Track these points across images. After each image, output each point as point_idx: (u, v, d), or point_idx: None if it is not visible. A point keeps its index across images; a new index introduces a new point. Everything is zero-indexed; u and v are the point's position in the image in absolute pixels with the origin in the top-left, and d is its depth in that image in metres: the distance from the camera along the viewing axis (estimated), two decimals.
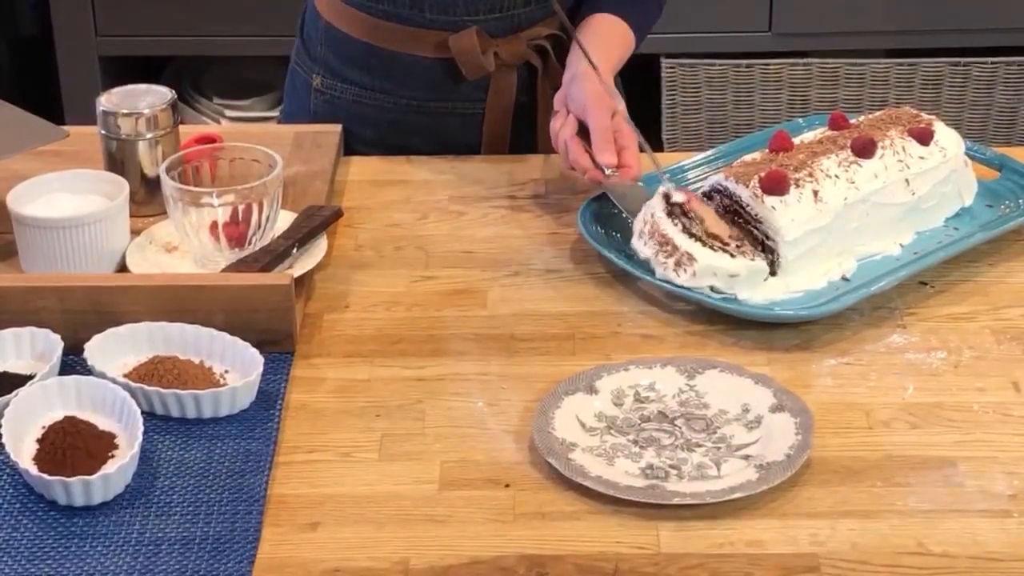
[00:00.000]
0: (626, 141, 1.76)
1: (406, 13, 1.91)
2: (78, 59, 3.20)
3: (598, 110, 1.76)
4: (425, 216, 1.83)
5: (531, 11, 1.92)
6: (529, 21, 1.93)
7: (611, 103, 1.78)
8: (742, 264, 1.61)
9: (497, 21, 1.91)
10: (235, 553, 1.31)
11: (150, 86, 1.81)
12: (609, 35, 1.90)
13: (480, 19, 1.90)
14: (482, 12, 1.90)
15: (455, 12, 1.90)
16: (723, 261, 1.61)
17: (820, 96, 3.19)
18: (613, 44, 1.89)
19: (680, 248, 1.61)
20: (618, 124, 1.77)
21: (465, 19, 1.90)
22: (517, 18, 1.92)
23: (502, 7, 1.91)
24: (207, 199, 1.63)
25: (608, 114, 1.77)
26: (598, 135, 1.75)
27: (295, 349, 1.57)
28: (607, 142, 1.74)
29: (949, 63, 3.17)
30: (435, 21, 1.91)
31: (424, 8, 1.90)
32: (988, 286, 1.68)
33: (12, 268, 1.68)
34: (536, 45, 1.94)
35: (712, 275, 1.60)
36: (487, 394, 1.51)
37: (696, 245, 1.61)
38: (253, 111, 3.32)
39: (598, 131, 1.75)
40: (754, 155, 1.73)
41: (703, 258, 1.60)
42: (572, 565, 1.29)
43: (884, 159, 1.71)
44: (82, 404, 1.45)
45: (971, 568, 1.29)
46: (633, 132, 1.77)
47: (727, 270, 1.60)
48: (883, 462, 1.41)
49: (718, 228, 1.65)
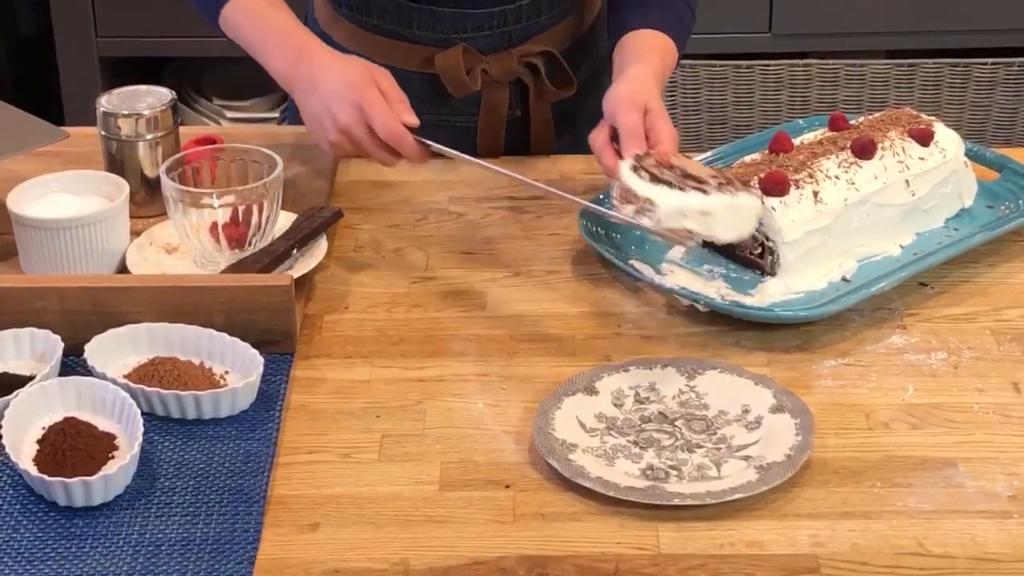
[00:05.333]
0: (661, 138, 1.64)
1: (394, 28, 1.90)
2: (78, 59, 3.20)
3: (626, 110, 1.66)
4: (425, 217, 1.83)
5: (522, 27, 1.90)
6: (520, 38, 1.91)
7: (642, 101, 1.67)
8: (716, 200, 1.50)
9: (487, 38, 1.90)
10: (235, 554, 1.31)
11: (150, 87, 1.81)
12: (647, 47, 1.79)
13: (469, 36, 1.89)
14: (470, 29, 1.89)
15: (443, 29, 1.88)
16: (690, 199, 1.50)
17: (820, 97, 3.19)
18: (652, 53, 1.78)
19: (640, 196, 1.50)
20: (651, 122, 1.66)
21: (453, 36, 1.88)
22: (508, 35, 1.91)
23: (492, 24, 1.89)
24: (207, 200, 1.64)
25: (637, 112, 1.66)
26: (624, 133, 1.64)
27: (295, 350, 1.57)
28: (634, 138, 1.63)
29: (949, 64, 3.16)
30: (423, 37, 1.89)
31: (412, 24, 1.89)
32: (988, 287, 1.68)
33: (12, 268, 1.68)
34: (527, 62, 1.91)
35: (681, 216, 1.49)
36: (487, 395, 1.51)
37: (660, 189, 1.50)
38: (253, 112, 3.32)
39: (624, 129, 1.64)
40: (754, 156, 1.74)
41: (664, 201, 1.49)
42: (572, 566, 1.29)
43: (884, 160, 1.71)
44: (82, 405, 1.45)
45: (971, 568, 1.29)
46: (671, 130, 1.65)
47: (696, 207, 1.50)
48: (883, 463, 1.41)
49: (699, 171, 1.54)
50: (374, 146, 1.68)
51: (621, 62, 1.77)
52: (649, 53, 1.77)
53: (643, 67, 1.73)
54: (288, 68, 1.74)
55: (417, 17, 1.88)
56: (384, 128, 1.67)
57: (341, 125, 1.68)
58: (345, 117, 1.67)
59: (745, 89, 3.19)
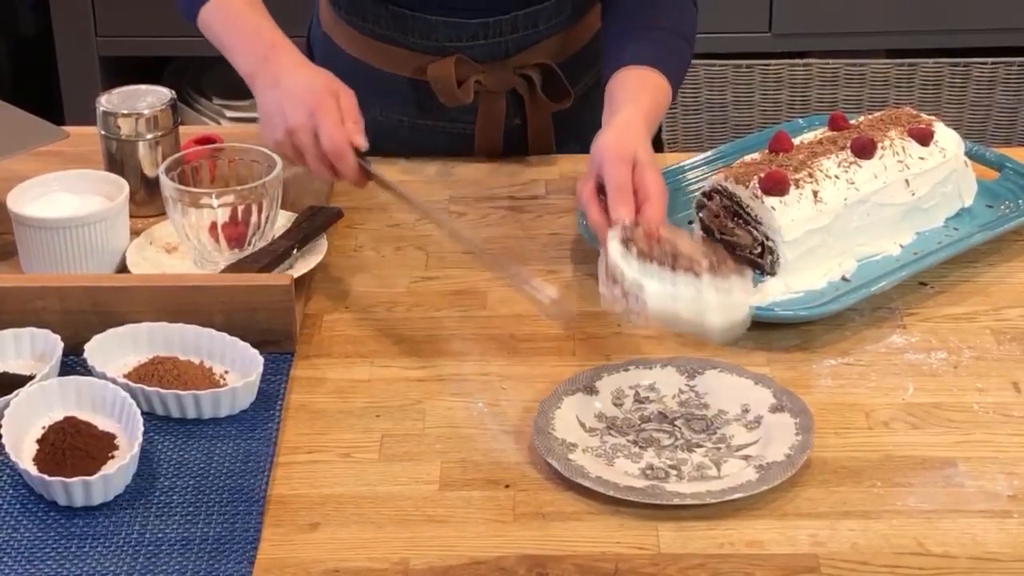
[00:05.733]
0: (648, 192, 1.54)
1: (389, 34, 1.89)
2: (78, 59, 3.20)
3: (614, 163, 1.56)
4: (425, 216, 1.82)
5: (519, 38, 1.89)
6: (516, 48, 1.90)
7: (630, 152, 1.57)
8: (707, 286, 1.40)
9: (482, 47, 1.89)
10: (235, 553, 1.31)
11: (150, 87, 1.81)
12: (639, 87, 1.71)
13: (464, 45, 1.88)
14: (465, 38, 1.88)
15: (437, 37, 1.88)
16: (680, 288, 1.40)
17: (820, 96, 3.19)
18: (645, 94, 1.70)
19: (628, 278, 1.40)
20: (639, 175, 1.56)
21: (447, 44, 1.87)
22: (504, 45, 1.89)
23: (487, 34, 1.88)
24: (206, 200, 1.63)
25: (625, 165, 1.56)
26: (611, 188, 1.54)
27: (295, 349, 1.57)
28: (621, 194, 1.53)
29: (949, 63, 3.17)
30: (418, 45, 1.89)
31: (407, 31, 1.88)
32: (988, 286, 1.68)
33: (12, 268, 1.68)
34: (523, 74, 1.90)
35: (672, 301, 1.40)
36: (487, 394, 1.51)
37: (649, 272, 1.40)
38: (253, 112, 3.29)
39: (612, 185, 1.54)
40: (754, 155, 1.73)
41: (654, 287, 1.39)
42: (572, 565, 1.29)
43: (884, 159, 1.71)
44: (82, 404, 1.45)
45: (971, 568, 1.29)
46: (659, 183, 1.56)
47: (687, 295, 1.40)
48: (883, 462, 1.41)
49: (689, 249, 1.44)
50: (315, 157, 1.63)
51: (612, 103, 1.69)
52: (641, 94, 1.69)
53: (633, 110, 1.65)
54: (255, 63, 1.72)
55: (411, 25, 1.88)
56: (329, 141, 1.61)
57: (290, 126, 1.63)
58: (295, 119, 1.63)
59: (745, 89, 3.19)
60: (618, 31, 1.80)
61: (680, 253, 1.41)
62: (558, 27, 1.91)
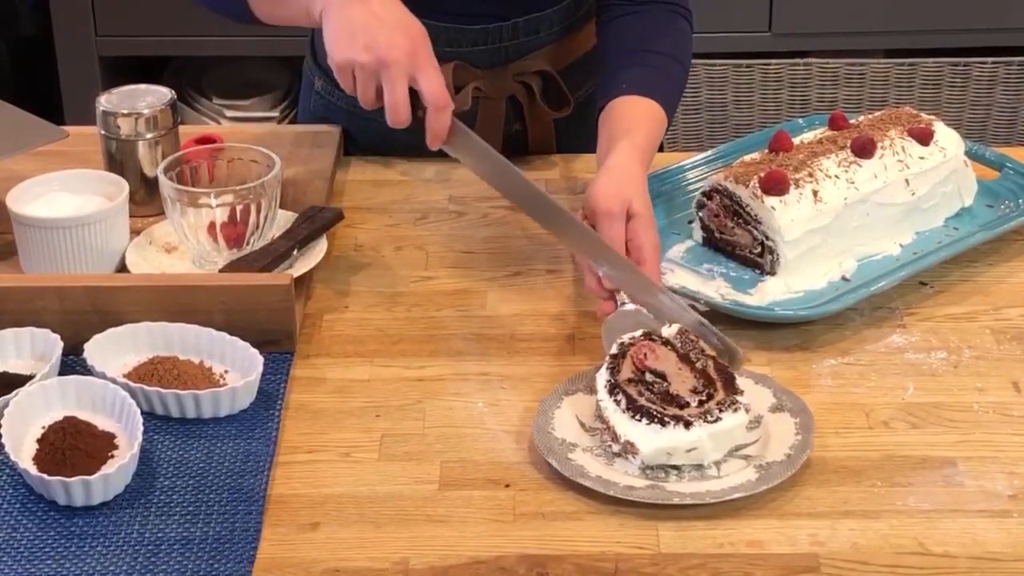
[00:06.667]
0: (643, 255, 1.53)
1: None
2: (78, 59, 3.20)
3: (606, 221, 1.55)
4: (425, 216, 1.83)
5: (519, 44, 1.89)
6: (517, 54, 1.89)
7: (623, 206, 1.55)
8: (699, 433, 1.37)
9: (482, 53, 1.88)
10: (235, 553, 1.30)
11: (150, 86, 1.81)
12: (633, 118, 1.70)
13: (463, 51, 1.87)
14: (465, 44, 1.87)
15: (436, 42, 1.85)
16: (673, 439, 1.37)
17: (820, 96, 3.19)
18: (641, 125, 1.69)
19: (619, 436, 1.39)
20: (633, 231, 1.55)
21: (447, 50, 1.85)
22: (503, 51, 1.89)
23: (486, 40, 1.87)
24: (205, 199, 1.63)
25: (618, 223, 1.54)
26: None
27: (295, 349, 1.57)
28: None
29: (949, 63, 3.17)
30: None
31: None
32: (988, 286, 1.68)
33: (12, 268, 1.68)
34: (522, 81, 1.90)
35: (666, 455, 1.38)
36: (487, 394, 1.51)
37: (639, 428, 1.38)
38: (253, 111, 3.32)
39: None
40: (754, 155, 1.73)
41: (646, 445, 1.37)
42: (572, 565, 1.29)
43: (884, 159, 1.71)
44: (82, 404, 1.45)
45: (971, 568, 1.29)
46: (653, 239, 1.55)
47: (681, 447, 1.38)
48: (883, 462, 1.41)
49: (680, 384, 1.40)
50: (398, 95, 1.51)
51: (608, 137, 1.68)
52: (637, 128, 1.68)
53: (629, 149, 1.64)
54: None
55: None
56: (437, 89, 1.51)
57: (383, 56, 1.49)
58: (391, 53, 1.50)
59: (745, 88, 3.19)
60: (615, 52, 1.80)
61: (670, 392, 1.40)
62: (559, 34, 1.91)
